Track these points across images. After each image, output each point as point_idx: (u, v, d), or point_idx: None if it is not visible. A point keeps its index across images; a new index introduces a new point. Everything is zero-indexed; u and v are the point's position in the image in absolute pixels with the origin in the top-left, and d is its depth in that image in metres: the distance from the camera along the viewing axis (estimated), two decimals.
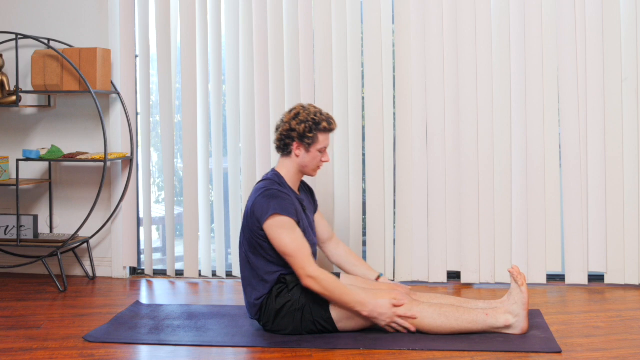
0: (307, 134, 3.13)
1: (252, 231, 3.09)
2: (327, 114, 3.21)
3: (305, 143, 3.15)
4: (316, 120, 3.14)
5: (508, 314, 3.04)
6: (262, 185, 3.13)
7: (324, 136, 3.17)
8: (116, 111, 4.29)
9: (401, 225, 4.11)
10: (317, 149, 3.17)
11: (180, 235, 4.46)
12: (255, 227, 3.08)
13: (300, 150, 3.16)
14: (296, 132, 3.14)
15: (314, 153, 3.17)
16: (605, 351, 2.88)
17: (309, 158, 3.18)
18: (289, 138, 3.16)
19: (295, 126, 3.14)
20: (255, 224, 3.07)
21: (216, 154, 4.26)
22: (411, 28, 4.05)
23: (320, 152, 3.18)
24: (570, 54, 3.94)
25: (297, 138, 3.14)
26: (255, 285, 3.13)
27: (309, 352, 2.92)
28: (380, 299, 3.03)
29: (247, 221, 3.12)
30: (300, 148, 3.16)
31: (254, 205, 3.08)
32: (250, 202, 3.13)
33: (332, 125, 3.19)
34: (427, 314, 3.02)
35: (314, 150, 3.17)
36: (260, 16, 4.14)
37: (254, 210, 3.07)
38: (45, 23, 4.31)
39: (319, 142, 3.16)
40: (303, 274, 3.01)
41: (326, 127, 3.16)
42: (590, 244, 3.99)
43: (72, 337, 3.13)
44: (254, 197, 3.12)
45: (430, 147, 4.07)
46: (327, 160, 3.22)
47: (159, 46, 4.24)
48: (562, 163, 4.00)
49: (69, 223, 4.37)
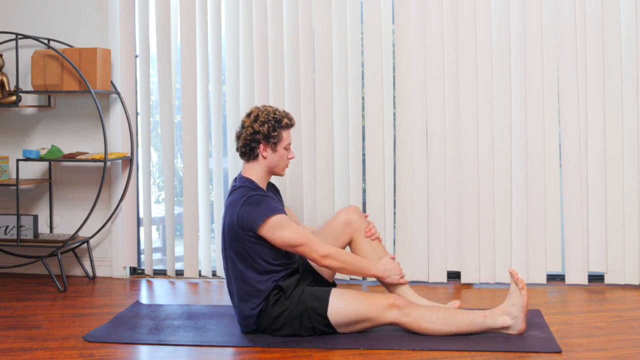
0: (271, 134, 3.15)
1: (242, 240, 3.06)
2: (284, 110, 3.26)
3: (272, 143, 3.17)
4: (277, 118, 3.18)
5: (506, 316, 3.04)
6: (240, 195, 3.10)
7: (287, 133, 3.22)
8: (116, 111, 4.29)
9: (401, 225, 4.11)
10: (283, 146, 3.20)
11: (180, 235, 4.46)
12: (247, 236, 3.05)
13: (267, 151, 3.18)
14: (260, 133, 3.15)
15: (281, 151, 3.20)
16: (605, 351, 2.88)
17: (276, 157, 3.20)
18: (254, 141, 3.17)
19: (258, 128, 3.15)
20: (247, 233, 3.05)
21: (216, 154, 4.26)
22: (411, 28, 4.05)
23: (286, 149, 3.23)
24: (570, 54, 3.94)
25: (263, 139, 3.16)
26: (248, 298, 3.10)
27: (309, 352, 2.92)
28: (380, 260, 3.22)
29: (233, 233, 3.08)
30: (267, 149, 3.18)
31: (241, 216, 3.04)
32: (230, 215, 3.08)
33: (292, 121, 3.24)
34: (425, 318, 3.02)
35: (280, 149, 3.19)
36: (260, 16, 4.14)
37: (242, 221, 3.04)
38: (45, 23, 4.31)
39: (283, 139, 3.20)
40: (318, 256, 3.06)
41: (288, 123, 3.21)
42: (590, 244, 3.99)
43: (72, 337, 3.13)
44: (235, 209, 3.07)
45: (430, 147, 4.07)
46: (293, 156, 3.27)
47: (159, 46, 4.24)
48: (562, 163, 4.00)
49: (69, 223, 4.37)
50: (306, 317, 3.05)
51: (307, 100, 4.12)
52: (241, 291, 3.11)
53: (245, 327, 3.14)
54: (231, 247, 3.11)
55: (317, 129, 4.12)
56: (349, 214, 3.31)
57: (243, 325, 3.15)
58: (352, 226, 3.30)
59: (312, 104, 4.12)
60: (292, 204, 4.11)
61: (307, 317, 3.05)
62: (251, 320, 3.11)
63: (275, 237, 3.04)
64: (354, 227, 3.30)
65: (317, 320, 3.04)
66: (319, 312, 3.03)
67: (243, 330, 3.16)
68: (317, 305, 3.03)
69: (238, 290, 3.12)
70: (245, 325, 3.14)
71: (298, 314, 3.05)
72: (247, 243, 3.06)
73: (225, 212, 3.15)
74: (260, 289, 3.09)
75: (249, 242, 3.06)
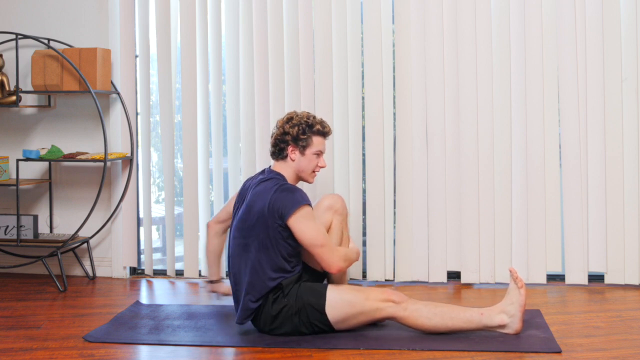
0: (300, 136, 3.16)
1: (269, 228, 3.05)
2: (321, 119, 3.25)
3: (300, 145, 3.17)
4: (309, 123, 3.18)
5: (503, 314, 3.04)
6: (273, 184, 3.11)
7: (318, 139, 3.20)
8: (116, 111, 4.29)
9: (401, 225, 4.11)
10: (313, 152, 3.19)
11: (180, 235, 4.46)
12: (276, 224, 3.04)
13: (295, 154, 3.18)
14: (290, 135, 3.16)
15: (310, 156, 3.19)
16: (605, 351, 2.88)
17: (305, 161, 3.19)
18: (283, 142, 3.18)
19: (288, 129, 3.17)
20: (276, 221, 3.04)
21: (216, 154, 4.26)
22: (411, 28, 4.05)
23: (317, 155, 3.20)
24: (570, 54, 3.94)
25: (292, 141, 3.17)
26: (253, 291, 3.09)
27: (309, 352, 2.92)
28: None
29: (262, 220, 3.06)
30: (295, 151, 3.18)
31: (273, 202, 3.03)
32: (262, 201, 3.06)
33: (326, 129, 3.22)
34: (422, 313, 3.03)
35: (309, 153, 3.18)
36: (260, 16, 4.14)
37: (274, 206, 3.03)
38: (45, 23, 4.31)
39: (313, 144, 3.19)
40: (335, 261, 3.07)
41: (319, 130, 3.20)
42: (590, 244, 3.99)
43: (72, 337, 3.13)
44: (267, 196, 3.06)
45: (430, 147, 4.07)
46: (324, 165, 3.25)
47: (159, 46, 4.24)
48: (562, 163, 4.00)
49: (69, 223, 4.37)
50: (304, 314, 3.05)
51: (307, 100, 4.12)
52: (251, 282, 3.09)
53: (240, 319, 3.13)
54: (255, 235, 3.08)
55: None
56: (332, 200, 3.36)
57: (239, 316, 3.13)
58: (333, 210, 3.34)
59: (312, 104, 4.12)
60: None
61: (305, 313, 3.05)
62: (248, 312, 3.10)
63: (302, 227, 3.02)
64: (336, 212, 3.34)
65: (314, 317, 3.05)
66: (316, 308, 3.04)
67: (237, 321, 3.15)
68: (314, 301, 3.04)
69: (248, 280, 3.09)
70: (241, 316, 3.12)
71: (296, 310, 3.05)
72: (273, 231, 3.05)
73: (251, 200, 3.12)
74: (269, 285, 3.08)
75: (275, 231, 3.05)
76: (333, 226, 3.32)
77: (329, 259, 3.06)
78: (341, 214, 3.34)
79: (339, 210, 3.34)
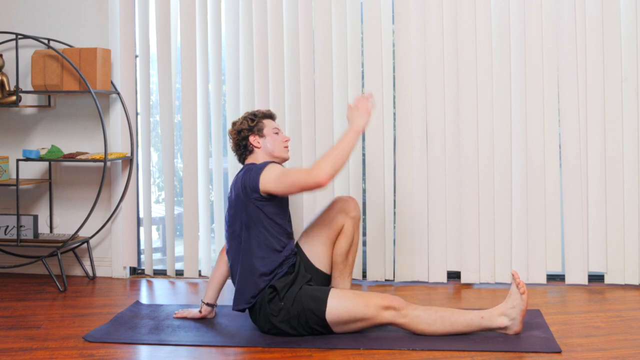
0: (252, 125, 3.31)
1: (248, 207, 3.12)
2: None
3: (256, 130, 3.31)
4: (252, 113, 3.41)
5: (504, 316, 3.03)
6: (242, 170, 3.24)
7: (268, 121, 3.37)
8: (116, 111, 4.29)
9: (401, 225, 4.11)
10: (270, 131, 3.32)
11: (180, 235, 4.46)
12: (252, 197, 3.11)
13: (257, 140, 3.31)
14: (244, 129, 3.31)
15: (271, 135, 3.32)
16: (605, 351, 2.88)
17: (270, 141, 3.32)
18: (243, 139, 3.32)
19: (239, 127, 3.34)
20: (252, 195, 3.11)
21: (216, 154, 4.26)
22: (411, 28, 4.05)
23: (276, 133, 3.34)
24: (570, 54, 3.94)
25: (248, 131, 3.30)
26: (248, 281, 3.13)
27: (309, 352, 2.92)
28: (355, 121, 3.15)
29: (240, 203, 3.14)
30: (255, 138, 3.31)
31: (244, 182, 3.14)
32: (236, 187, 3.18)
33: (268, 112, 3.40)
34: (423, 320, 3.02)
35: (268, 134, 3.31)
36: (260, 16, 4.14)
37: (245, 184, 3.13)
38: (45, 23, 4.31)
39: (265, 125, 3.33)
40: (313, 178, 3.02)
41: (264, 113, 3.39)
42: (590, 244, 3.99)
43: (72, 337, 3.13)
44: (239, 180, 3.18)
45: (430, 147, 4.07)
46: (288, 138, 3.38)
47: (159, 46, 4.24)
48: (562, 163, 4.00)
49: (69, 223, 4.37)
50: (303, 318, 3.05)
51: (307, 100, 4.12)
52: (242, 265, 3.14)
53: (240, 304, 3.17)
54: (239, 220, 3.15)
55: (317, 129, 4.12)
56: (344, 203, 3.37)
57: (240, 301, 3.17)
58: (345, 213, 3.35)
59: (312, 104, 4.13)
60: (291, 204, 4.09)
61: (305, 318, 3.05)
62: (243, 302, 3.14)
63: (273, 179, 3.08)
64: (347, 214, 3.35)
65: (313, 321, 3.05)
66: (316, 314, 3.04)
67: (233, 308, 3.20)
68: (314, 307, 3.04)
69: (241, 264, 3.15)
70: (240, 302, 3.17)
71: (295, 314, 3.06)
72: (252, 208, 3.12)
73: (231, 192, 3.23)
74: (256, 266, 3.11)
75: (253, 206, 3.12)
76: (345, 229, 3.32)
77: (307, 180, 3.03)
78: (353, 218, 3.35)
79: (351, 213, 3.34)
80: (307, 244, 3.35)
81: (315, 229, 3.37)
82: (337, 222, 3.34)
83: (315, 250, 3.31)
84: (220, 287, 3.41)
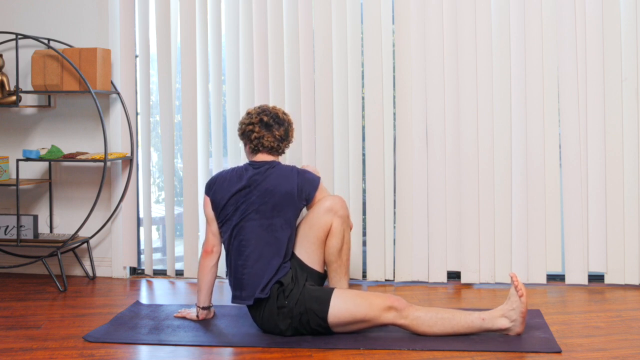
0: None
1: (296, 208, 3.28)
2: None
3: None
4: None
5: (505, 318, 3.03)
6: (291, 168, 3.33)
7: None
8: (116, 111, 4.29)
9: (401, 225, 4.11)
10: None
11: (180, 235, 4.46)
12: (302, 204, 3.30)
13: None
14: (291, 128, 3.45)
15: None
16: (605, 351, 2.88)
17: None
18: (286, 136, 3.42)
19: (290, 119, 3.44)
20: (302, 202, 3.29)
21: (216, 154, 4.26)
22: (411, 28, 4.05)
23: None
24: (570, 54, 3.94)
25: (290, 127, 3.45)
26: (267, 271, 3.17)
27: (309, 352, 2.92)
28: None
29: (290, 199, 3.25)
30: None
31: (301, 186, 3.28)
32: (289, 183, 3.27)
33: None
34: (424, 321, 3.03)
35: None
36: (260, 16, 4.14)
37: (303, 189, 3.28)
38: (45, 23, 4.31)
39: None
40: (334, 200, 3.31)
41: None
42: (590, 244, 3.99)
43: (72, 337, 3.13)
44: (293, 178, 3.28)
45: (430, 147, 4.07)
46: None
47: (159, 46, 4.24)
48: (562, 163, 4.00)
49: (69, 223, 4.37)
50: (305, 319, 3.06)
51: (307, 100, 4.12)
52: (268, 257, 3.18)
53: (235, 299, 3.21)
54: (283, 214, 3.24)
55: (317, 129, 4.12)
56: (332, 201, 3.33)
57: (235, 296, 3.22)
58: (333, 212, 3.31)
59: (312, 104, 4.13)
60: None
61: (306, 318, 3.05)
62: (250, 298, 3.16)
63: (318, 197, 3.30)
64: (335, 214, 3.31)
65: (315, 322, 3.05)
66: (319, 315, 3.04)
67: (232, 300, 3.23)
68: (317, 308, 3.04)
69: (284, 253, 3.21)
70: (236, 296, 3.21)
71: (297, 313, 3.06)
72: (297, 210, 3.28)
73: (274, 183, 3.25)
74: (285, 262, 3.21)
75: (298, 210, 3.29)
76: (333, 228, 3.32)
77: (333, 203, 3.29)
78: (341, 216, 3.33)
79: (339, 212, 3.33)
80: (297, 245, 3.32)
81: (304, 230, 3.33)
82: (325, 222, 3.30)
83: (307, 251, 3.30)
84: (212, 289, 3.40)
